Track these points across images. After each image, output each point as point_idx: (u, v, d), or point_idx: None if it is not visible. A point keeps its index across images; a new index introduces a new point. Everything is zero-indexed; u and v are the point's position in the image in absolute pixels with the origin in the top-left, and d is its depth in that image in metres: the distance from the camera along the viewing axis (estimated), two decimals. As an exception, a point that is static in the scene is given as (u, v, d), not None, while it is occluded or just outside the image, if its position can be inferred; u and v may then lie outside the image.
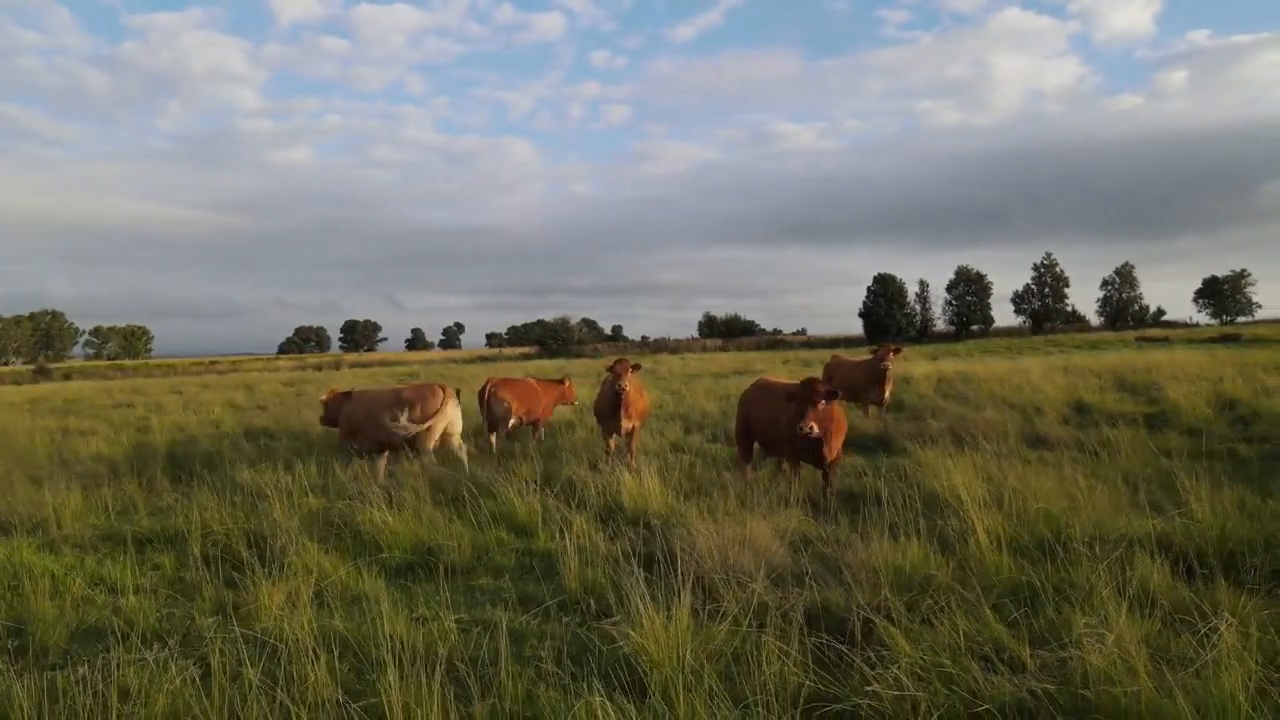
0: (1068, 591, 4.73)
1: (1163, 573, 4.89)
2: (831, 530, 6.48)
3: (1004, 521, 6.07)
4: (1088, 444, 10.13)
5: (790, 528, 6.48)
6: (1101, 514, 6.24)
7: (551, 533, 6.83)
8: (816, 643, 4.10)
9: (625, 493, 7.53)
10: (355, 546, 6.93)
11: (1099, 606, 4.35)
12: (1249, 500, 6.79)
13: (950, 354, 45.99)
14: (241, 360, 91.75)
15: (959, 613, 4.30)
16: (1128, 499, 6.88)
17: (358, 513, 7.42)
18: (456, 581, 6.06)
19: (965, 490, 6.59)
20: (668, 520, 6.93)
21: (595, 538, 6.73)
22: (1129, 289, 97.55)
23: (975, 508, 6.14)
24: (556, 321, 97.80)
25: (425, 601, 5.58)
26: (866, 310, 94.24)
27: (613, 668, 4.06)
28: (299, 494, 8.50)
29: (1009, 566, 5.17)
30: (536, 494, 7.74)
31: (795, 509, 7.12)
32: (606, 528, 7.05)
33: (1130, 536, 5.53)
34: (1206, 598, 4.61)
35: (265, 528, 7.30)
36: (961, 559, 5.44)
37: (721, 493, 7.99)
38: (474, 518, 7.29)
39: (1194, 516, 5.82)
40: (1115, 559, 5.03)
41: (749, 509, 7.30)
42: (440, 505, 7.81)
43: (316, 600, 5.63)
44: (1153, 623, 4.24)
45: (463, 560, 6.45)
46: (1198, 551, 5.38)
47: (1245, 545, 5.32)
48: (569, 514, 7.05)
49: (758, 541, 5.91)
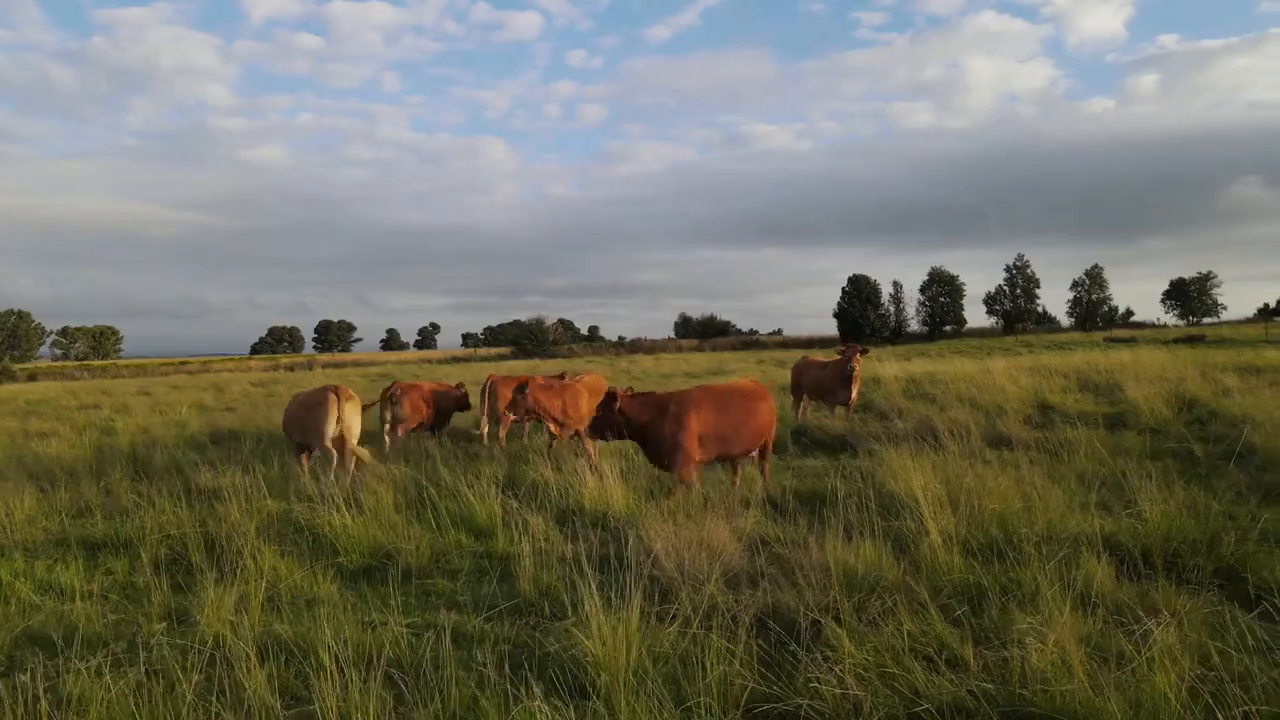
0: (1014, 591, 4.79)
1: (1107, 572, 4.95)
2: (789, 531, 6.50)
3: (958, 522, 6.12)
4: (1048, 444, 10.25)
5: (748, 529, 6.50)
6: (1054, 514, 6.32)
7: (511, 535, 6.79)
8: (765, 644, 4.12)
9: (586, 494, 7.51)
10: (313, 550, 6.86)
11: (1043, 606, 4.40)
12: (1199, 499, 6.91)
13: (922, 354, 46.35)
14: (212, 361, 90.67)
15: (906, 613, 4.33)
16: (1081, 499, 6.98)
17: (317, 515, 7.35)
18: (412, 585, 6.02)
19: (921, 491, 6.64)
20: (628, 521, 6.92)
21: (554, 539, 6.73)
22: (1098, 290, 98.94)
23: (930, 508, 6.19)
24: (531, 322, 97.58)
25: (379, 605, 5.54)
26: (841, 311, 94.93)
27: (559, 671, 4.05)
28: (258, 497, 8.41)
29: (959, 567, 5.22)
30: (498, 496, 7.71)
31: (755, 510, 7.15)
32: (566, 529, 7.04)
33: (1079, 536, 5.60)
34: (1148, 597, 4.69)
35: (223, 531, 7.22)
36: (914, 559, 5.49)
37: (685, 493, 8.01)
38: (434, 520, 7.25)
39: (1142, 516, 5.90)
40: (1062, 559, 5.10)
41: (710, 510, 7.32)
42: (402, 508, 7.76)
43: (270, 605, 5.57)
44: (1094, 622, 4.30)
45: (420, 563, 6.41)
46: (1144, 551, 5.46)
47: (1189, 545, 5.41)
48: (529, 516, 7.03)
49: (715, 543, 5.92)
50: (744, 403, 8.43)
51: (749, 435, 8.37)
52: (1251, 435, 9.57)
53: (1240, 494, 7.26)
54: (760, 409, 8.51)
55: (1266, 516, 6.54)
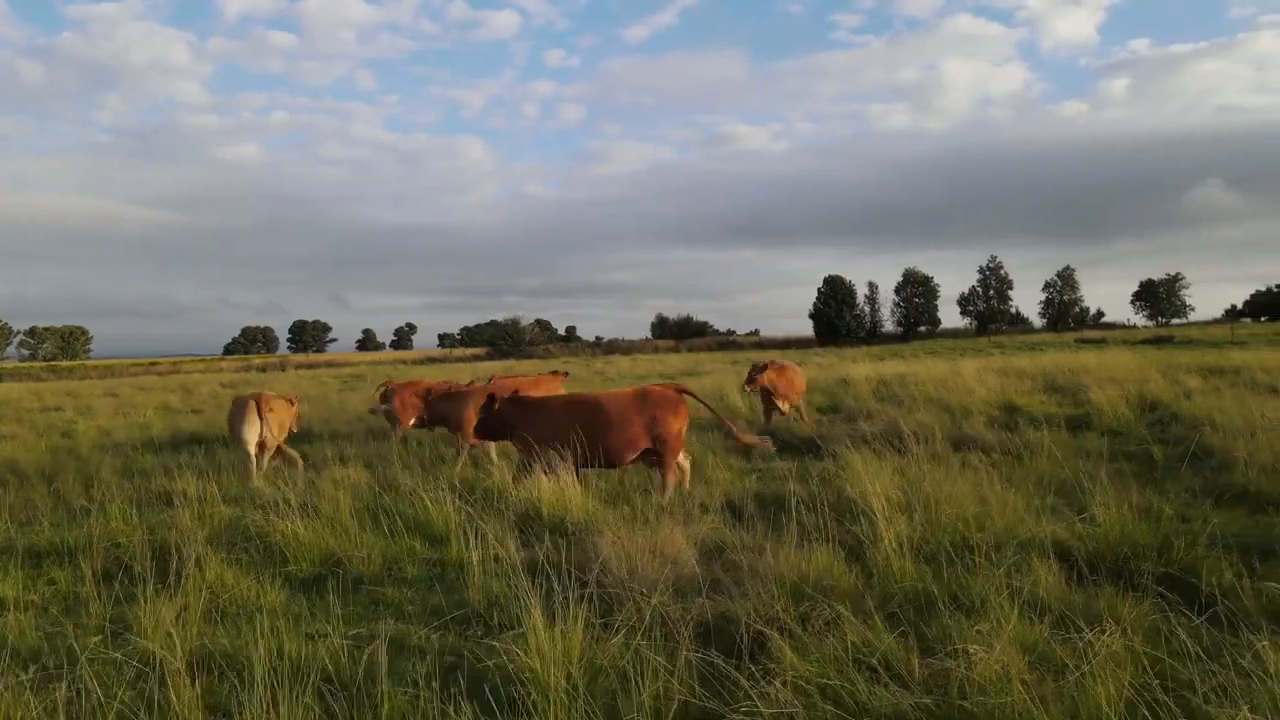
0: (964, 599, 4.76)
1: (1057, 579, 4.95)
2: (747, 537, 6.44)
3: (914, 527, 6.11)
4: (1010, 447, 10.30)
5: (705, 534, 6.45)
6: (1011, 518, 6.31)
7: (466, 542, 6.69)
8: (708, 656, 4.06)
9: (544, 500, 7.42)
10: (263, 558, 6.72)
11: (991, 614, 4.37)
12: (1155, 502, 6.95)
13: (895, 355, 46.67)
14: (183, 361, 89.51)
15: (852, 623, 4.29)
16: (1039, 503, 6.99)
17: (271, 522, 7.20)
18: (362, 594, 5.91)
19: (880, 496, 6.63)
20: (585, 528, 6.85)
21: (509, 547, 6.63)
22: (1070, 291, 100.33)
23: (886, 513, 6.16)
24: (508, 322, 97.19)
25: (324, 616, 5.42)
26: (817, 312, 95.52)
27: (496, 686, 3.97)
28: (212, 503, 8.24)
29: (911, 573, 5.19)
30: (455, 501, 7.61)
31: (714, 515, 7.10)
32: (523, 536, 6.95)
33: (1032, 541, 5.59)
34: (1097, 604, 4.68)
35: (172, 539, 7.06)
36: (868, 566, 5.46)
37: (644, 498, 7.96)
38: (388, 526, 7.13)
39: (1095, 521, 5.91)
40: (1012, 565, 5.09)
41: (670, 515, 7.27)
42: (357, 513, 7.63)
43: (212, 616, 5.44)
44: (1041, 630, 4.28)
45: (371, 571, 6.30)
46: (1095, 556, 5.46)
47: (1140, 550, 5.42)
48: (486, 522, 6.94)
49: (669, 549, 5.86)
50: (614, 411, 8.57)
51: (617, 444, 8.43)
52: (1209, 437, 9.67)
53: (1195, 496, 7.31)
54: (633, 419, 8.49)
55: (1219, 519, 6.59)
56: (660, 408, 8.64)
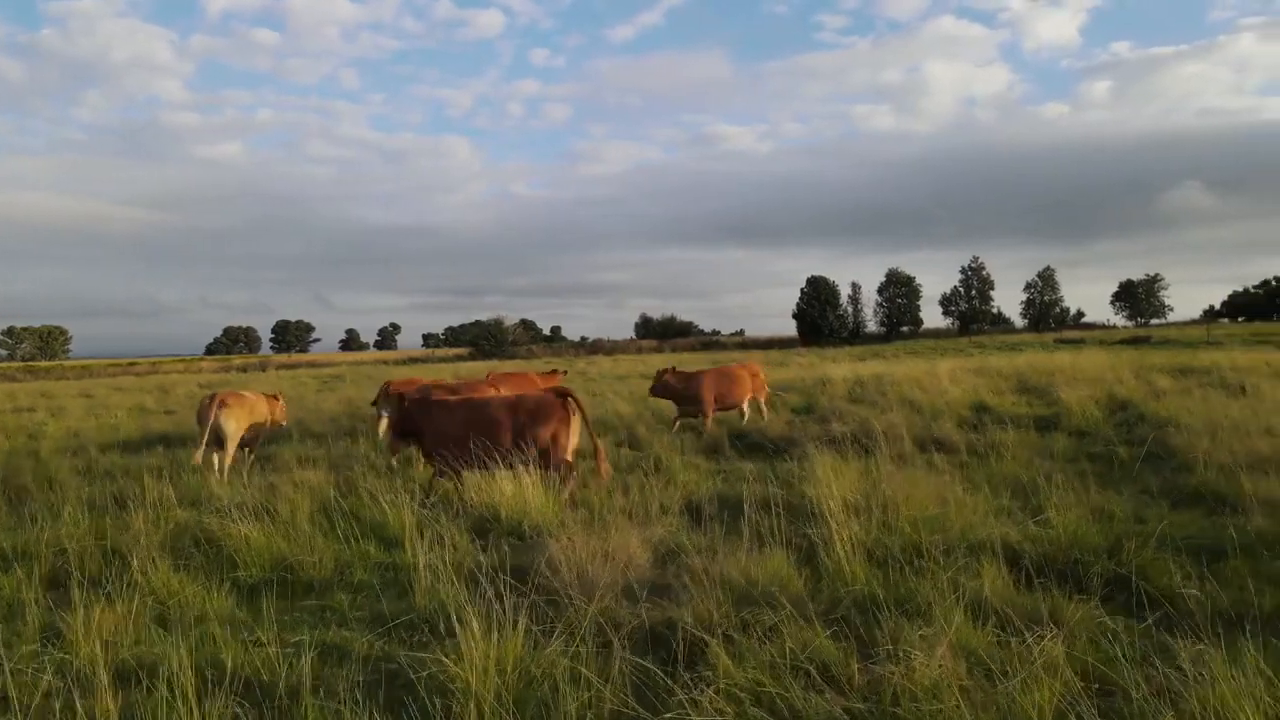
0: (910, 602, 4.73)
1: (1005, 581, 4.92)
2: (704, 539, 6.39)
3: (871, 529, 6.08)
4: (978, 447, 10.32)
5: (662, 536, 6.40)
6: (968, 521, 6.29)
7: (421, 546, 6.61)
8: (647, 663, 3.99)
9: (503, 503, 7.34)
10: (215, 563, 6.59)
11: (936, 618, 4.34)
12: (1114, 503, 6.95)
13: (876, 355, 46.84)
14: (163, 362, 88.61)
15: (794, 628, 4.24)
16: (998, 504, 6.99)
17: (225, 527, 7.08)
18: (310, 600, 5.81)
19: (840, 497, 6.61)
20: (543, 531, 6.78)
21: (465, 550, 6.55)
22: (1051, 292, 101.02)
23: (844, 516, 6.13)
24: (490, 322, 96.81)
25: (268, 623, 5.32)
26: (800, 312, 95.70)
27: (427, 696, 3.88)
28: (168, 506, 8.11)
29: (862, 577, 5.15)
30: (413, 504, 7.52)
31: (674, 517, 7.05)
32: (479, 540, 6.88)
33: (987, 543, 5.56)
34: (1043, 606, 4.66)
35: (124, 543, 6.94)
36: (821, 569, 5.42)
37: (606, 500, 7.89)
38: (344, 530, 7.03)
39: (1049, 523, 5.90)
40: (962, 568, 5.06)
41: (630, 516, 7.21)
42: (314, 517, 7.53)
43: (155, 623, 5.33)
44: (984, 634, 4.24)
45: (322, 577, 6.20)
46: (1047, 558, 5.44)
47: (1091, 552, 5.40)
48: (443, 525, 6.86)
49: (623, 553, 5.80)
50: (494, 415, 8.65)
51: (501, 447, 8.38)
52: (1173, 437, 9.71)
53: (1153, 497, 7.32)
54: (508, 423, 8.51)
55: (1174, 520, 6.61)
56: (531, 413, 8.61)
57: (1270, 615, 4.64)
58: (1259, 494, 6.62)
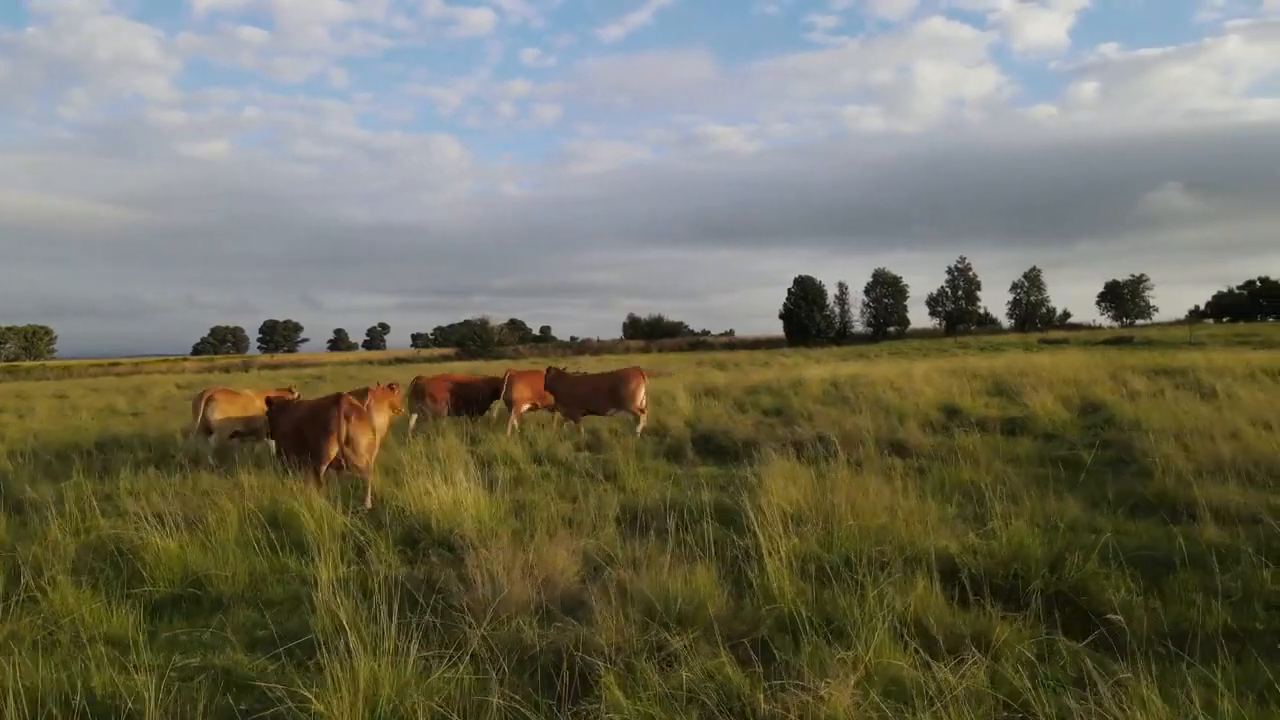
0: (839, 621, 4.45)
1: (939, 598, 4.65)
2: (640, 551, 6.09)
3: (808, 541, 5.81)
4: (941, 451, 10.08)
5: (598, 548, 6.12)
6: (914, 531, 6.02)
7: (341, 558, 6.31)
8: (537, 693, 3.71)
9: (435, 511, 7.04)
10: (124, 577, 6.26)
11: (861, 638, 4.07)
12: (1067, 511, 6.70)
13: (860, 356, 46.70)
14: (145, 362, 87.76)
15: (705, 652, 3.96)
16: (948, 513, 6.74)
17: (143, 538, 6.74)
18: (216, 617, 5.50)
19: (779, 507, 6.35)
20: (475, 541, 6.47)
21: (391, 562, 6.26)
22: (1037, 292, 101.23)
23: (782, 526, 5.85)
24: (477, 322, 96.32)
25: (165, 644, 5.02)
26: (787, 312, 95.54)
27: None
28: (92, 514, 7.77)
29: (790, 593, 4.86)
30: (346, 512, 7.23)
31: (611, 525, 6.77)
32: (407, 551, 6.59)
33: (926, 556, 5.28)
34: (978, 624, 4.40)
35: (32, 554, 6.60)
36: (751, 584, 5.13)
37: (544, 509, 7.60)
38: (268, 541, 6.71)
39: (994, 534, 5.63)
40: (897, 582, 4.79)
41: (572, 525, 6.94)
42: (243, 525, 7.22)
43: (45, 645, 5.00)
44: (908, 657, 3.97)
45: (234, 592, 5.88)
46: (987, 572, 5.17)
47: (1032, 565, 5.13)
48: (372, 536, 6.58)
49: (549, 567, 5.51)
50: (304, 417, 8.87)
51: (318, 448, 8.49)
52: (1138, 441, 9.48)
53: (1109, 504, 7.07)
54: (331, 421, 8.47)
55: (1126, 529, 6.37)
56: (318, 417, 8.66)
57: (1215, 634, 4.38)
58: (1213, 501, 6.37)
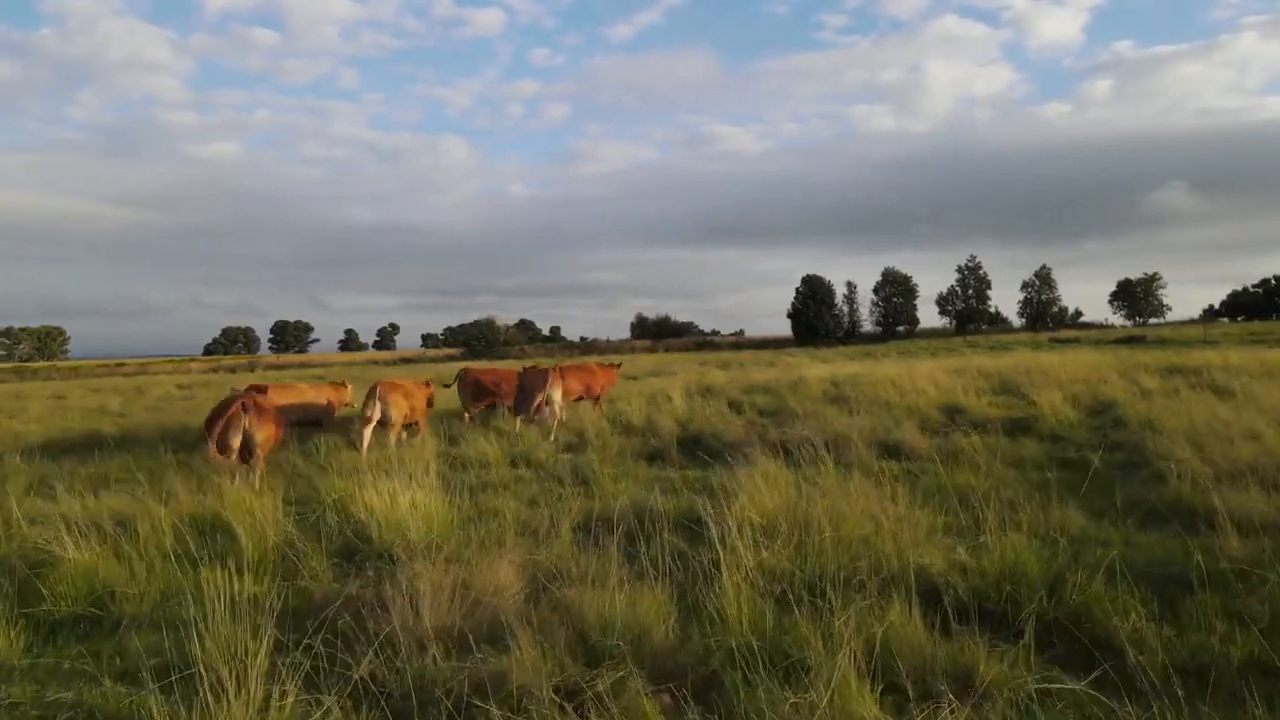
0: (798, 654, 3.83)
1: (918, 626, 4.02)
2: (595, 565, 5.48)
3: (780, 556, 5.20)
4: (940, 453, 9.42)
5: (549, 561, 5.52)
6: (898, 544, 5.39)
7: (273, 572, 5.75)
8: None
9: (375, 520, 6.45)
10: (24, 594, 5.70)
11: (823, 677, 3.45)
12: (1072, 521, 6.06)
13: (868, 355, 45.92)
14: (152, 362, 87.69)
15: (632, 693, 3.35)
16: (939, 523, 6.11)
17: (56, 549, 6.18)
18: (112, 641, 4.92)
19: (754, 516, 5.76)
20: (411, 555, 5.89)
21: (323, 578, 5.69)
22: (1048, 291, 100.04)
23: (751, 539, 5.25)
24: (483, 322, 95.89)
25: (47, 673, 4.45)
26: (795, 312, 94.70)
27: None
28: (17, 524, 7.23)
29: (749, 619, 4.24)
30: (286, 518, 6.66)
31: (568, 535, 6.16)
32: (344, 564, 6.01)
33: (908, 573, 4.65)
34: (962, 659, 3.77)
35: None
36: (709, 608, 4.51)
37: (504, 516, 7.01)
38: (194, 552, 6.14)
39: (986, 548, 4.99)
40: (870, 607, 4.17)
41: (534, 534, 6.36)
42: (179, 531, 6.68)
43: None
44: (873, 702, 3.35)
45: (139, 611, 5.31)
46: (976, 594, 4.53)
47: (1028, 585, 4.49)
48: (308, 546, 6.02)
49: (489, 584, 4.92)
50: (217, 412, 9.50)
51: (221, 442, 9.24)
52: (1151, 443, 8.81)
53: (1119, 512, 6.41)
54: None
55: (1138, 542, 5.73)
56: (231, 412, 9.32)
57: (1240, 669, 3.75)
58: (1234, 510, 5.68)
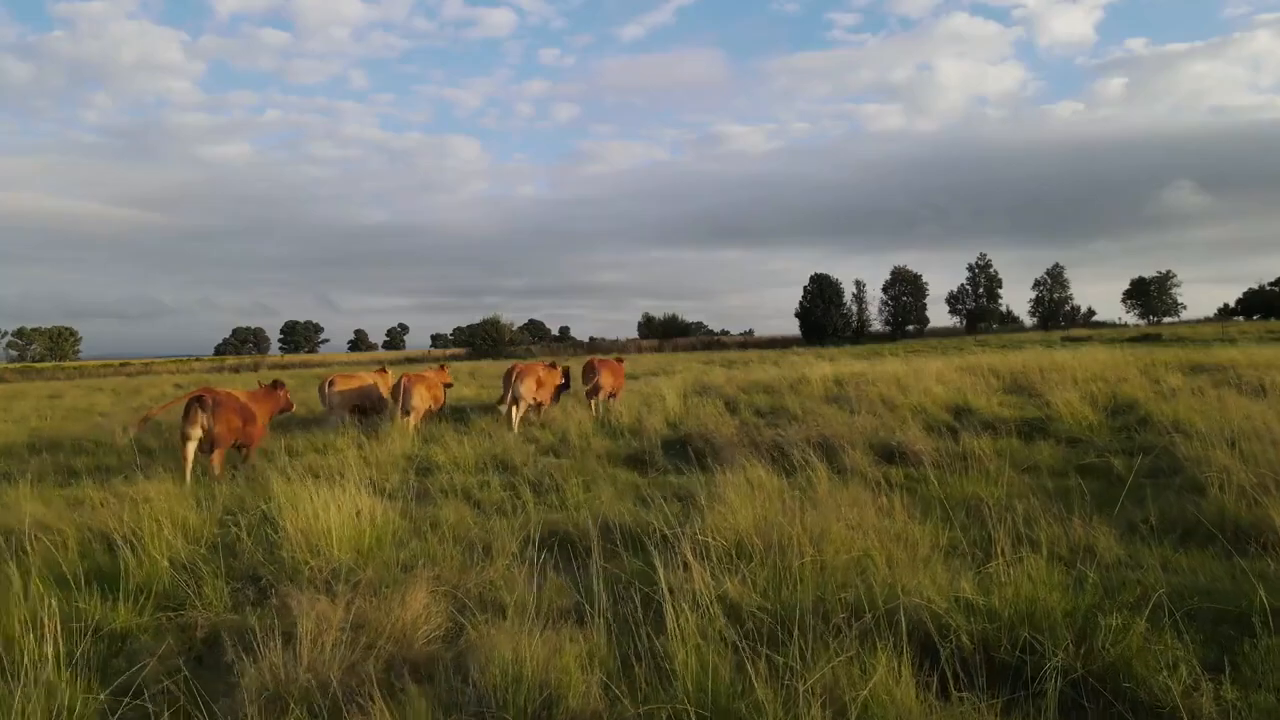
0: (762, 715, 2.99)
1: (908, 685, 3.17)
2: (532, 596, 4.64)
3: (751, 585, 4.36)
4: (946, 458, 8.55)
5: (479, 588, 4.71)
6: (898, 568, 4.55)
7: (159, 601, 4.96)
8: None
9: (294, 534, 5.63)
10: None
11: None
12: (1100, 541, 5.20)
13: (876, 354, 44.88)
14: (156, 362, 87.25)
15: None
16: (943, 539, 5.25)
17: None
18: None
19: (721, 538, 4.91)
20: (331, 579, 5.08)
21: (217, 605, 4.90)
22: (1060, 290, 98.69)
23: (721, 562, 4.42)
24: (488, 321, 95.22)
25: None
26: (803, 310, 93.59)
27: None
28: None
29: (695, 674, 3.38)
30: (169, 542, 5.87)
31: (507, 558, 5.34)
32: (250, 590, 5.20)
33: (901, 612, 3.80)
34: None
35: None
36: (637, 659, 3.64)
37: (443, 531, 6.20)
38: (99, 571, 5.37)
39: (996, 581, 4.12)
40: (851, 658, 3.32)
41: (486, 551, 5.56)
42: (90, 548, 5.95)
43: None
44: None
45: None
46: (985, 640, 3.66)
47: (1049, 630, 3.61)
48: (204, 569, 5.23)
49: (393, 621, 4.11)
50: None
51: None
52: (1182, 446, 7.90)
53: (1152, 529, 5.54)
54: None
55: (1178, 566, 4.85)
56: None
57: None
58: (1294, 529, 4.81)
